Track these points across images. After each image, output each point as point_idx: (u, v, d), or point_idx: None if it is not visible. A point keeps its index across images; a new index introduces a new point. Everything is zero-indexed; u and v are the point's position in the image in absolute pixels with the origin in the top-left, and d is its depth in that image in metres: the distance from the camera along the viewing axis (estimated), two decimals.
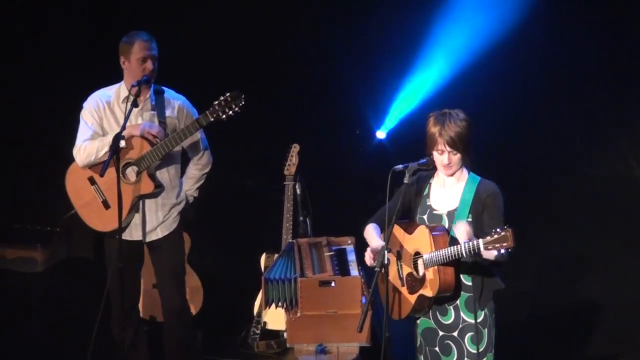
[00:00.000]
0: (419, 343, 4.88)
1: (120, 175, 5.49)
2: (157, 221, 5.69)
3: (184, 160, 5.87)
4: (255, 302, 6.29)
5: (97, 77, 8.06)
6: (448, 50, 8.42)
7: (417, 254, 4.68)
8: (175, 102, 5.70)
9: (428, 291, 4.64)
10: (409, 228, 4.77)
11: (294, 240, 6.11)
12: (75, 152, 5.57)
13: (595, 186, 7.99)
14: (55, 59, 8.20)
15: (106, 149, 5.47)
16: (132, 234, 5.68)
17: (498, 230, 4.36)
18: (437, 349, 4.79)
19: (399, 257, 4.81)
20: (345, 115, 8.73)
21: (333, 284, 5.48)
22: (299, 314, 5.47)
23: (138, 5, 8.27)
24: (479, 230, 4.59)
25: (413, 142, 8.54)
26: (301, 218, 6.41)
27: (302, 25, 8.40)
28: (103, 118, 5.59)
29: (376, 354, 4.83)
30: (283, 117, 8.26)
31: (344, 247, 6.04)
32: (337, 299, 5.45)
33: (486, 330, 4.71)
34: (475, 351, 4.69)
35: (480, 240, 4.40)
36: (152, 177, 5.58)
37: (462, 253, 4.46)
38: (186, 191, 5.81)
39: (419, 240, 4.68)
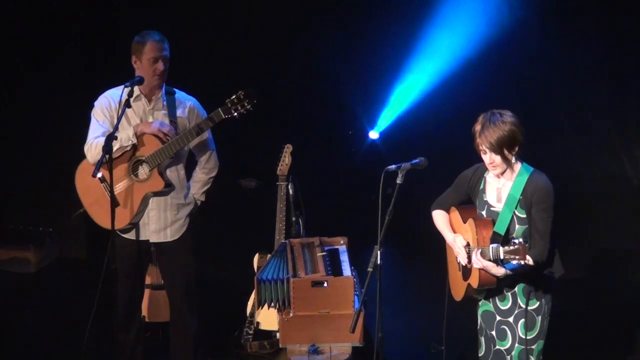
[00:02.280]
0: (479, 325, 4.91)
1: (131, 173, 5.51)
2: (165, 221, 5.64)
3: (192, 163, 5.82)
4: (248, 303, 6.28)
5: (96, 78, 8.09)
6: (443, 50, 8.42)
7: (468, 245, 4.74)
8: (187, 103, 5.68)
9: (473, 282, 4.71)
10: (464, 215, 4.80)
11: (287, 241, 6.11)
12: (86, 148, 5.53)
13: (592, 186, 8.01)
14: (54, 60, 8.20)
15: (117, 146, 5.47)
16: (140, 233, 5.65)
17: (515, 241, 4.41)
18: (493, 333, 4.82)
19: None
20: (338, 116, 8.73)
21: (325, 284, 5.49)
22: (291, 315, 5.48)
23: (138, 6, 8.27)
24: (531, 227, 4.62)
25: (406, 142, 8.64)
26: (294, 218, 6.40)
27: (296, 26, 8.40)
28: (114, 116, 5.56)
29: (369, 354, 4.84)
30: (276, 117, 8.25)
31: (337, 248, 6.05)
32: (330, 299, 5.46)
33: (540, 317, 4.72)
34: (526, 337, 4.71)
35: (501, 249, 4.46)
36: (162, 175, 5.56)
37: (490, 256, 4.53)
38: (193, 194, 5.78)
39: (467, 232, 4.75)
